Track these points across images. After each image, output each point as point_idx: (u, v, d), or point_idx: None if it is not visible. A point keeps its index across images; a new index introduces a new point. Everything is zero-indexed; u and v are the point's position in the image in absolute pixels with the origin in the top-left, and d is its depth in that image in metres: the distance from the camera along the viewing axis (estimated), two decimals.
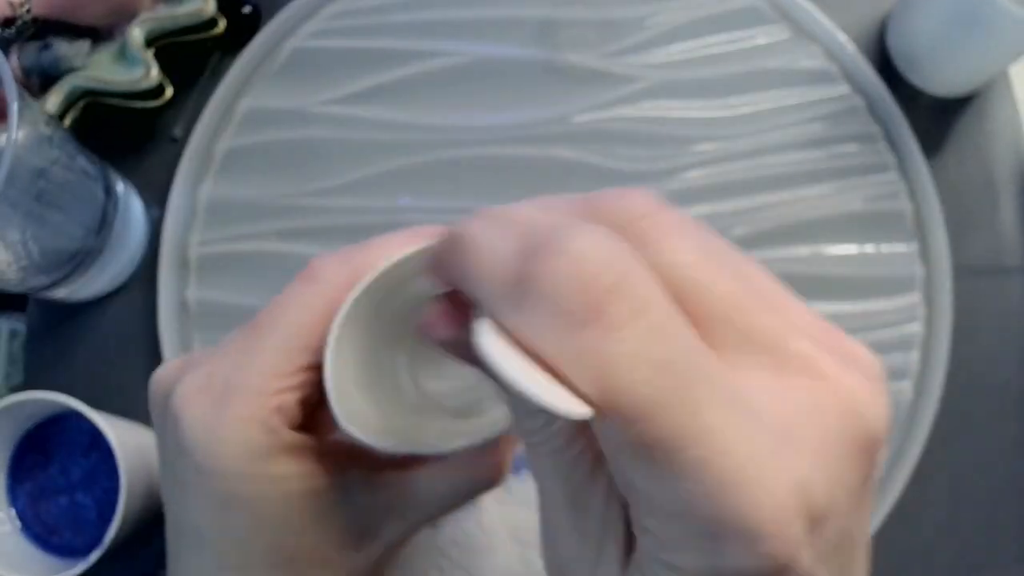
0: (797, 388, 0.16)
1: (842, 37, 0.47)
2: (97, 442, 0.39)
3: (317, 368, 0.22)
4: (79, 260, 0.40)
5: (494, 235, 0.16)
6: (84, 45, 0.42)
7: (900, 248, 0.44)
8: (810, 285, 0.44)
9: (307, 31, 0.47)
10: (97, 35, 0.43)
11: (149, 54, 0.42)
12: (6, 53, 0.40)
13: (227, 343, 0.23)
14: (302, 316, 0.23)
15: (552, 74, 0.46)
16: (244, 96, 0.46)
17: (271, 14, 0.46)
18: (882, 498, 0.41)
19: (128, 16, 0.42)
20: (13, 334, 0.49)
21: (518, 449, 0.27)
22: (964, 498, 0.42)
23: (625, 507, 0.17)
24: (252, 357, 0.22)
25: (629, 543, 0.17)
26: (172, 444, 0.23)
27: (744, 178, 0.45)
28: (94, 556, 0.35)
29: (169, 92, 0.44)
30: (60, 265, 0.39)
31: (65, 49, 0.41)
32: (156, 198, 0.45)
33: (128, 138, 0.46)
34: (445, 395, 0.27)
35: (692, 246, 0.16)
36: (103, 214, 0.40)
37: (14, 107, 0.33)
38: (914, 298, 0.44)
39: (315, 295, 0.23)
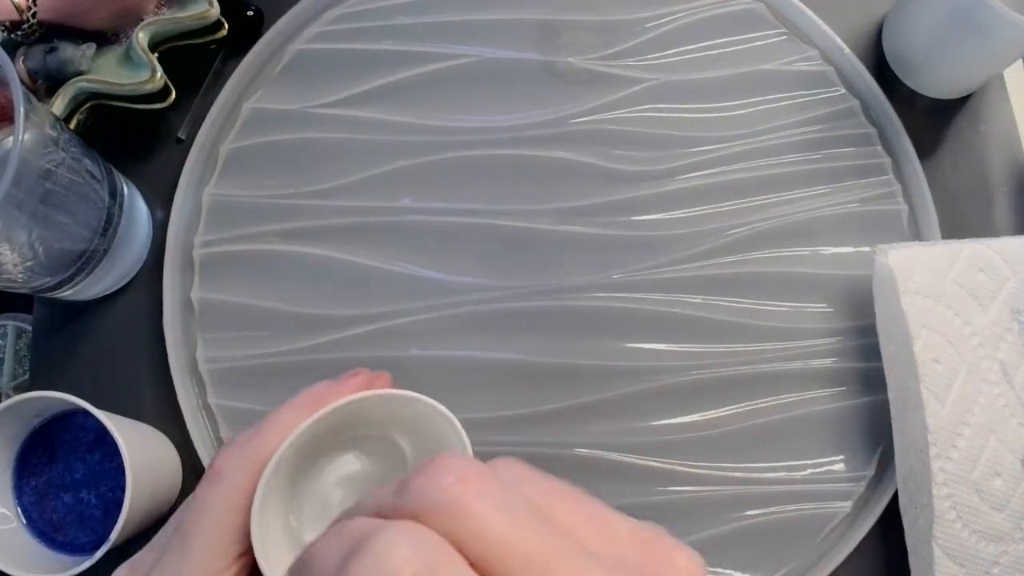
0: None
1: (838, 41, 0.47)
2: (102, 440, 0.40)
3: (251, 548, 0.25)
4: (84, 261, 0.40)
5: (327, 544, 0.18)
6: (90, 48, 0.42)
7: None
8: (806, 285, 0.44)
9: (310, 34, 0.47)
10: (103, 38, 0.43)
11: (154, 57, 0.42)
12: (12, 56, 0.41)
13: (163, 550, 0.26)
14: (218, 518, 0.25)
15: (552, 76, 0.47)
16: (248, 98, 0.46)
17: (274, 17, 0.47)
18: (877, 498, 0.41)
19: (133, 20, 0.43)
20: (19, 333, 0.49)
21: None
22: None
23: None
24: (186, 563, 0.25)
25: None
26: None
27: (741, 179, 0.45)
28: (99, 553, 0.36)
29: (174, 95, 0.44)
30: (66, 266, 0.39)
31: (71, 52, 0.41)
32: (161, 199, 0.45)
33: (133, 140, 0.46)
34: None
35: (497, 519, 0.17)
36: (108, 215, 0.41)
37: (20, 110, 0.33)
38: None
39: (224, 495, 0.25)
